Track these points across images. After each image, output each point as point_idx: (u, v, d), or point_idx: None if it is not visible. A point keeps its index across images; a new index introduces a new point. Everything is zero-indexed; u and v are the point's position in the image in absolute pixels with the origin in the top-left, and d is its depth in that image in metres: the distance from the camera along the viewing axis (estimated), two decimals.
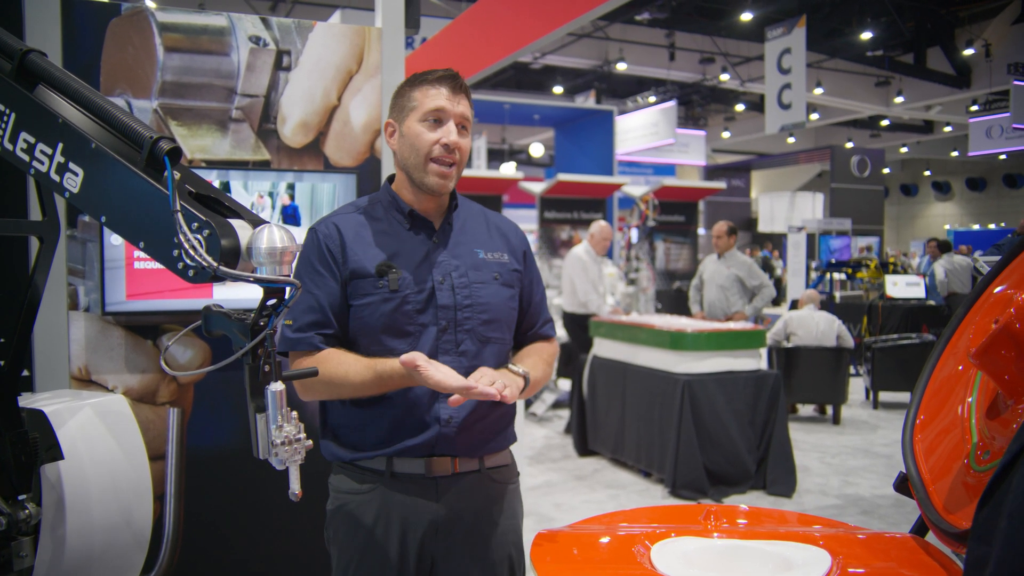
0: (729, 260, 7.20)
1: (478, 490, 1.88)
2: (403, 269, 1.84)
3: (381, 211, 1.94)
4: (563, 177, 13.84)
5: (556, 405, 8.48)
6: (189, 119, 2.92)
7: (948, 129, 24.66)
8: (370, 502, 1.84)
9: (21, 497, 1.49)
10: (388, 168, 3.10)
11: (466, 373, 1.80)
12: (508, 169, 20.55)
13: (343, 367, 1.77)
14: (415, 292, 1.83)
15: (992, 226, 28.54)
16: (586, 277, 7.19)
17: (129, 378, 2.86)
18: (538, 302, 2.04)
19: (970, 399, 1.52)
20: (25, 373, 2.66)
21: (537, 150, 21.80)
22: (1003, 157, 26.93)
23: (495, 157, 24.08)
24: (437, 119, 1.84)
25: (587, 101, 19.81)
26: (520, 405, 3.97)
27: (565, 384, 8.83)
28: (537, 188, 14.29)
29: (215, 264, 1.28)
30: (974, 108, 19.29)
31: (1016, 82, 14.63)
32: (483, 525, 1.87)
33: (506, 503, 1.93)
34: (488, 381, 1.66)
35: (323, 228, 1.89)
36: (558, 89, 21.52)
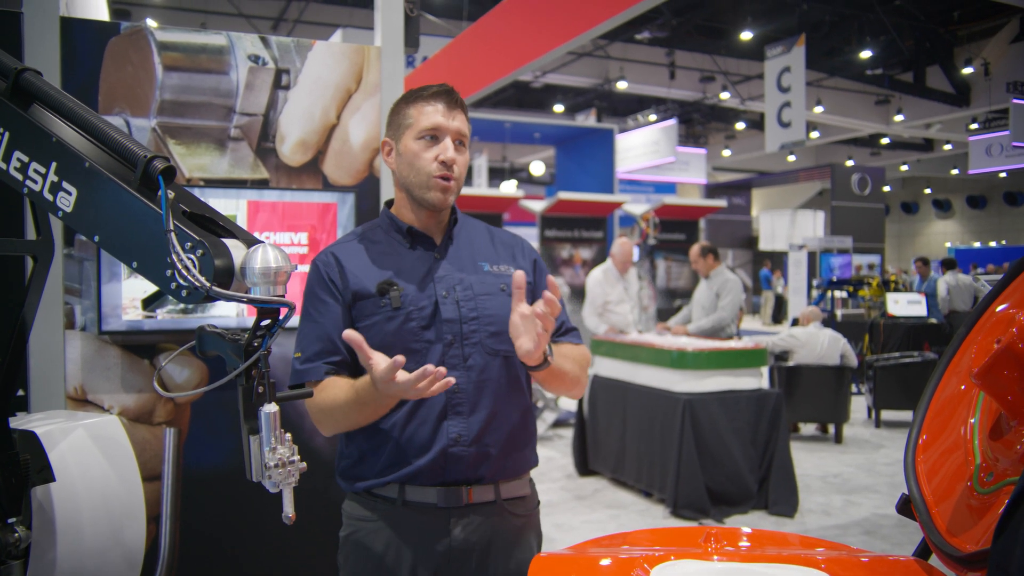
0: (714, 280, 7.06)
1: (492, 524, 1.83)
2: (405, 286, 1.82)
3: (381, 234, 1.93)
4: (564, 195, 13.86)
5: (557, 424, 8.44)
6: (188, 138, 2.92)
7: (948, 147, 24.71)
8: (381, 530, 1.81)
9: (11, 520, 1.47)
10: (387, 186, 3.10)
11: (475, 387, 1.80)
12: (509, 187, 20.58)
13: (333, 392, 1.75)
14: (418, 308, 1.80)
15: (993, 244, 28.56)
16: (589, 298, 7.16)
17: (125, 398, 2.84)
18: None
19: (972, 419, 1.50)
20: (20, 393, 2.64)
21: (538, 168, 21.87)
22: (1003, 175, 27.00)
23: (496, 175, 24.13)
24: (433, 136, 1.83)
25: (588, 119, 19.87)
26: None
27: (566, 403, 8.80)
28: (538, 206, 14.30)
29: (208, 284, 1.26)
30: (974, 126, 19.33)
31: (1015, 100, 14.68)
32: (497, 560, 1.83)
33: (522, 537, 1.88)
34: None
35: (322, 258, 1.89)
36: (559, 107, 21.60)
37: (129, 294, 2.80)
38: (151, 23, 3.01)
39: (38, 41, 2.68)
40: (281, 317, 1.35)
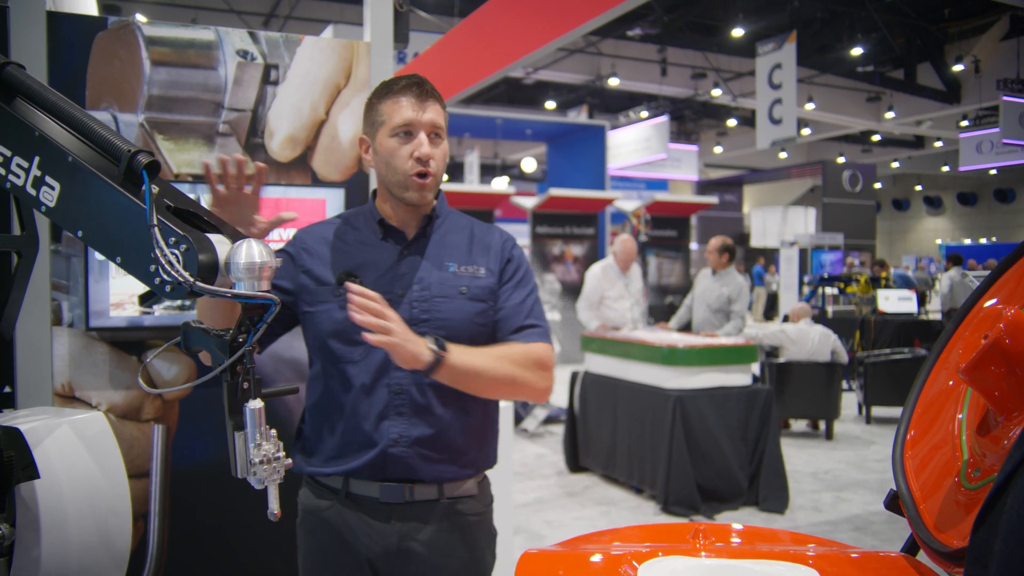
0: (723, 278, 6.93)
1: (435, 521, 1.82)
2: (367, 279, 1.80)
3: (361, 221, 1.93)
4: (555, 192, 13.87)
5: (548, 421, 8.44)
6: (175, 133, 2.90)
7: (939, 144, 24.77)
8: (327, 519, 1.84)
9: None
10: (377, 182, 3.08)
11: (418, 390, 1.79)
12: (500, 184, 20.59)
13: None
14: None
15: (983, 240, 28.67)
16: (584, 292, 7.16)
17: (113, 394, 2.82)
18: (514, 306, 1.88)
19: (960, 415, 1.50)
20: (7, 390, 2.63)
21: (529, 165, 21.86)
22: (993, 172, 27.08)
23: (487, 172, 24.11)
24: (407, 131, 1.81)
25: (579, 116, 19.87)
26: (510, 421, 3.94)
27: (557, 400, 8.80)
28: (529, 203, 14.32)
29: (192, 279, 1.25)
30: (964, 123, 19.40)
31: (1005, 97, 14.73)
32: (440, 558, 1.82)
33: (469, 535, 1.87)
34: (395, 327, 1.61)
35: (299, 235, 1.94)
36: (550, 104, 21.59)
37: (117, 291, 2.79)
38: (141, 18, 2.99)
39: (24, 35, 2.66)
40: (266, 313, 1.34)
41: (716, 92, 18.33)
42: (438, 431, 1.80)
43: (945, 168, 28.41)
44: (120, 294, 2.80)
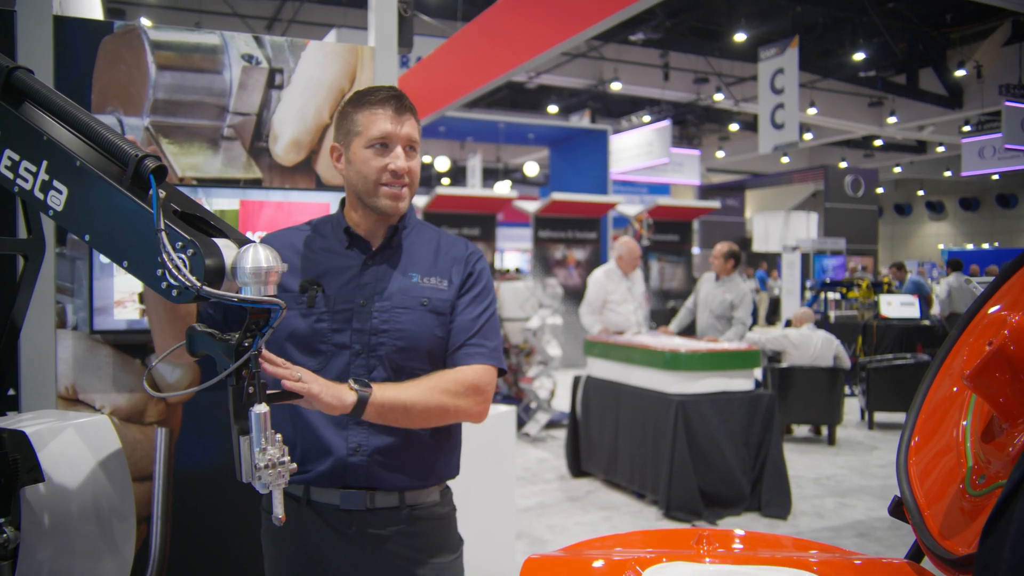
0: (727, 284, 6.93)
1: (397, 527, 1.82)
2: (330, 287, 1.81)
3: (329, 229, 1.92)
4: (557, 196, 13.88)
5: (550, 425, 8.44)
6: (180, 137, 2.91)
7: (941, 149, 24.77)
8: (290, 527, 1.84)
9: (0, 521, 1.47)
10: None
11: None
12: (503, 188, 20.61)
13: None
14: (333, 312, 1.80)
15: (986, 245, 28.64)
16: (588, 297, 7.14)
17: (117, 397, 2.82)
18: (464, 322, 1.86)
19: (964, 422, 1.50)
20: (11, 392, 2.63)
21: (532, 169, 21.85)
22: (996, 177, 27.08)
23: (490, 176, 24.14)
24: (383, 143, 1.80)
25: (582, 120, 19.89)
26: (512, 425, 3.94)
27: (559, 404, 8.79)
28: (531, 207, 14.33)
29: (198, 284, 1.26)
30: (966, 128, 19.38)
31: (1007, 103, 14.72)
32: (404, 563, 1.83)
33: (432, 542, 1.88)
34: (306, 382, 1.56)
35: (265, 239, 1.91)
36: (553, 108, 21.60)
37: (121, 288, 2.79)
38: (146, 22, 3.00)
39: (31, 40, 2.67)
40: (272, 317, 1.34)
41: (718, 97, 18.35)
42: (398, 441, 1.79)
43: (947, 173, 28.40)
44: (124, 292, 2.80)
